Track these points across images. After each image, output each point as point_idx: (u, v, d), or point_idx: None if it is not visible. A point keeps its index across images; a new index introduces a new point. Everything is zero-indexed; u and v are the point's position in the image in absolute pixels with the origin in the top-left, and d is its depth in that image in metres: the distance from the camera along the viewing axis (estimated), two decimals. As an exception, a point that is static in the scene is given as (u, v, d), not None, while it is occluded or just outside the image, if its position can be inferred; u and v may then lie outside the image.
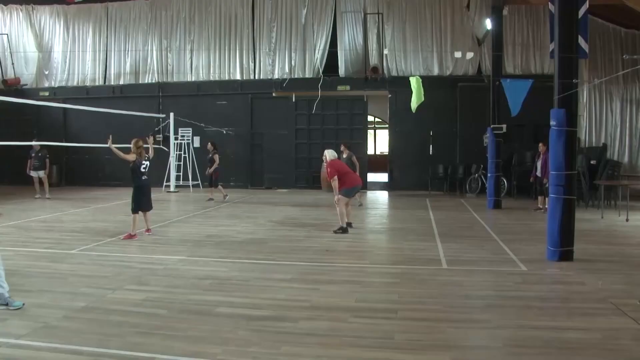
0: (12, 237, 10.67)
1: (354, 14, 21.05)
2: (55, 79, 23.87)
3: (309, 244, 9.89)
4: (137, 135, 20.15)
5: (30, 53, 24.13)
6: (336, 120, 21.06)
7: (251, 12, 21.91)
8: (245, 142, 21.70)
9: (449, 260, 8.50)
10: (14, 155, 19.08)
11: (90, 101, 21.57)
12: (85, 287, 6.90)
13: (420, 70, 20.29)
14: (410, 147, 20.33)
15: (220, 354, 4.72)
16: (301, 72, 21.47)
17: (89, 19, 23.47)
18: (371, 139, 29.43)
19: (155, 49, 22.83)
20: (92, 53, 23.45)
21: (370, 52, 20.83)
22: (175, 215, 14.03)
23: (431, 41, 20.48)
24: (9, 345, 4.95)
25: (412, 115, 17.93)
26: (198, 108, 21.60)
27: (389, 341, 5.03)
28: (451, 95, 19.79)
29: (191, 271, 7.77)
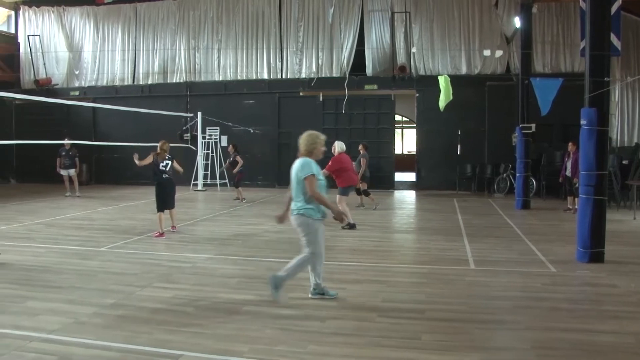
0: (43, 234, 10.89)
1: (381, 12, 20.98)
2: (85, 78, 24.25)
3: (335, 243, 9.90)
4: (165, 134, 20.46)
5: (61, 53, 24.54)
6: (363, 119, 21.01)
7: (278, 11, 21.98)
8: (273, 141, 21.78)
9: (476, 260, 8.44)
10: (45, 154, 19.40)
11: (119, 100, 21.87)
12: (114, 284, 7.01)
13: (448, 69, 20.14)
14: (437, 147, 20.20)
15: (247, 352, 4.76)
16: (328, 72, 21.48)
17: (118, 19, 23.79)
18: (398, 139, 29.31)
19: (183, 49, 23.03)
20: (121, 53, 23.77)
21: (397, 51, 20.75)
22: (202, 213, 14.15)
23: (459, 40, 20.33)
24: (41, 339, 5.05)
25: (439, 115, 17.83)
26: (225, 107, 21.75)
27: (415, 341, 5.02)
28: (479, 94, 19.61)
29: (219, 269, 7.84)
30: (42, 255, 8.85)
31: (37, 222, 12.55)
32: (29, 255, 8.81)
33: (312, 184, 5.94)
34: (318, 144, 6.28)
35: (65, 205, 15.70)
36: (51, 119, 22.61)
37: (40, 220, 12.83)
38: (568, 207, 14.35)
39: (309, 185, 5.93)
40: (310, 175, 5.96)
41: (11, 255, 8.68)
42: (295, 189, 6.12)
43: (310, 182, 5.94)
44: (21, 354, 4.71)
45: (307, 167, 6.03)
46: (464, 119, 19.57)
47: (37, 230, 11.36)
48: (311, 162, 6.09)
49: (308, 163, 6.09)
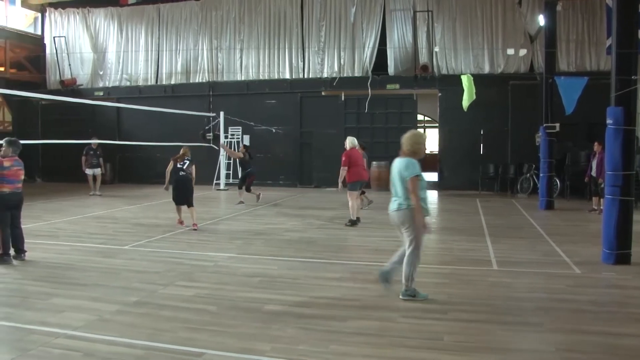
0: (68, 232, 11.05)
1: (403, 12, 20.91)
2: (109, 79, 24.53)
3: (358, 243, 9.90)
4: (187, 133, 20.61)
5: (86, 54, 24.86)
6: (385, 119, 20.95)
7: (300, 11, 22.02)
8: (294, 141, 21.83)
9: (499, 261, 8.38)
10: (70, 154, 19.60)
11: (143, 100, 22.08)
12: (137, 282, 7.08)
13: (471, 68, 20.00)
14: (460, 146, 20.07)
15: (268, 351, 4.78)
16: (350, 71, 21.47)
17: (142, 20, 24.02)
18: (420, 138, 29.09)
19: (206, 49, 23.19)
20: (145, 53, 24.00)
21: (419, 50, 20.66)
22: (224, 212, 14.23)
23: (482, 38, 20.18)
24: (66, 336, 5.13)
25: (462, 114, 17.71)
26: (248, 107, 21.83)
27: (437, 342, 5.00)
28: (502, 94, 19.41)
29: (241, 268, 7.88)
30: (67, 253, 8.98)
31: (62, 220, 12.73)
32: (54, 253, 8.94)
33: (415, 185, 6.09)
34: (421, 143, 6.41)
35: (90, 204, 15.89)
36: (76, 119, 22.89)
37: (65, 218, 13.02)
38: (593, 208, 14.16)
39: (412, 186, 6.07)
40: (415, 177, 6.11)
41: (37, 252, 8.82)
42: (400, 187, 6.26)
43: (413, 183, 6.09)
44: (47, 350, 4.79)
45: (413, 168, 6.18)
46: (487, 119, 19.40)
47: (62, 229, 11.53)
48: (416, 163, 6.24)
49: (413, 163, 6.23)
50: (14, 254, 8.37)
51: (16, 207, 8.48)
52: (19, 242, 8.50)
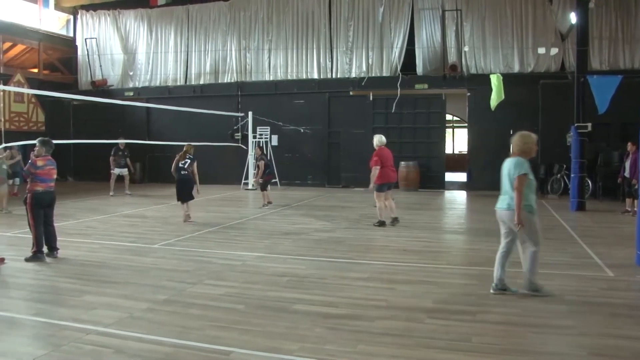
0: (99, 230, 11.22)
1: (431, 11, 20.79)
2: (139, 79, 24.85)
3: (385, 243, 9.87)
4: (216, 133, 20.78)
5: (116, 55, 25.22)
6: (414, 119, 20.83)
7: (328, 11, 22.03)
8: (322, 141, 21.84)
9: (529, 262, 8.26)
10: (101, 153, 19.78)
11: (172, 100, 22.32)
12: (166, 280, 7.16)
13: (500, 68, 19.79)
14: (489, 146, 19.80)
15: (296, 350, 4.79)
16: (378, 71, 21.42)
17: (171, 21, 24.29)
18: (449, 138, 28.98)
19: (234, 49, 23.34)
20: (174, 54, 24.25)
21: (448, 50, 20.51)
22: (252, 212, 14.30)
23: (512, 37, 19.94)
24: (97, 332, 5.22)
25: (491, 114, 17.54)
26: (276, 107, 21.91)
27: (466, 344, 4.95)
28: (533, 93, 19.15)
29: (269, 268, 7.91)
30: (98, 251, 9.12)
31: (93, 218, 12.94)
32: (86, 251, 9.09)
33: (522, 183, 6.27)
34: (531, 143, 6.55)
35: (120, 203, 16.11)
36: (107, 119, 23.21)
37: (96, 217, 13.23)
38: (626, 209, 13.89)
39: (518, 183, 6.25)
40: (523, 175, 6.27)
41: (69, 250, 8.98)
42: (509, 186, 6.43)
43: (520, 180, 6.26)
44: (79, 346, 4.88)
45: (521, 166, 6.34)
46: (516, 118, 19.09)
47: (93, 227, 11.72)
48: (525, 162, 6.40)
49: (522, 162, 6.38)
50: (47, 252, 8.54)
51: (49, 206, 8.66)
52: (52, 240, 8.67)
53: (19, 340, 5.12)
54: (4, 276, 7.56)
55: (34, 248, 8.39)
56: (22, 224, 10.77)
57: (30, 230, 8.52)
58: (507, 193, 6.48)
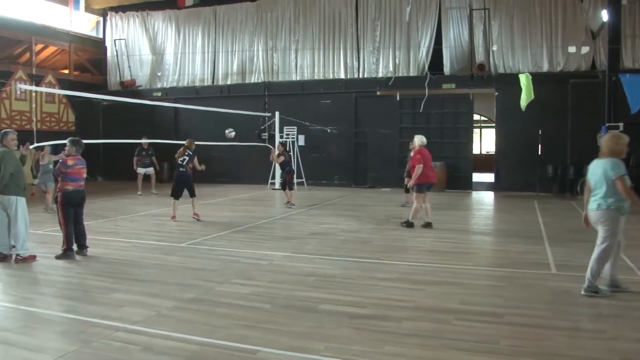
0: (127, 229, 11.36)
1: (459, 10, 20.63)
2: (167, 79, 25.10)
3: (413, 244, 9.82)
4: (243, 133, 20.89)
5: (145, 56, 25.53)
6: (441, 119, 20.69)
7: (355, 11, 22.01)
8: (349, 141, 21.82)
9: (558, 264, 8.16)
10: (129, 153, 19.95)
11: (200, 100, 22.51)
12: (194, 279, 7.21)
13: (529, 67, 19.55)
14: (517, 147, 19.63)
15: (322, 350, 4.79)
16: (405, 71, 21.32)
17: (199, 22, 24.50)
18: (477, 138, 28.74)
19: (261, 49, 23.45)
20: (201, 54, 24.47)
21: (476, 49, 20.34)
22: (279, 212, 14.34)
23: (541, 36, 19.68)
24: (126, 330, 5.28)
25: (519, 114, 17.34)
26: (303, 107, 21.96)
27: (493, 346, 4.89)
28: (562, 92, 18.84)
29: (295, 267, 7.92)
30: (126, 250, 9.23)
31: (122, 217, 13.11)
32: (114, 249, 9.21)
33: (625, 183, 6.25)
34: (622, 144, 6.57)
35: (148, 202, 16.28)
36: (135, 119, 23.43)
37: (124, 216, 13.40)
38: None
39: (622, 185, 6.24)
40: (622, 176, 6.27)
41: (98, 248, 9.10)
42: (604, 187, 6.41)
43: (622, 182, 6.24)
44: (108, 343, 4.94)
45: (618, 168, 6.34)
46: (545, 118, 18.91)
47: (121, 226, 11.87)
48: (621, 163, 6.40)
49: (618, 164, 6.38)
50: (76, 250, 8.68)
51: (79, 205, 8.79)
52: (82, 238, 8.80)
53: (50, 336, 5.21)
54: (36, 273, 7.71)
55: (64, 246, 8.53)
56: (52, 222, 10.96)
57: (61, 228, 8.67)
58: (599, 194, 6.43)
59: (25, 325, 5.45)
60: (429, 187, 11.70)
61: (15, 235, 8.23)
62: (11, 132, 8.51)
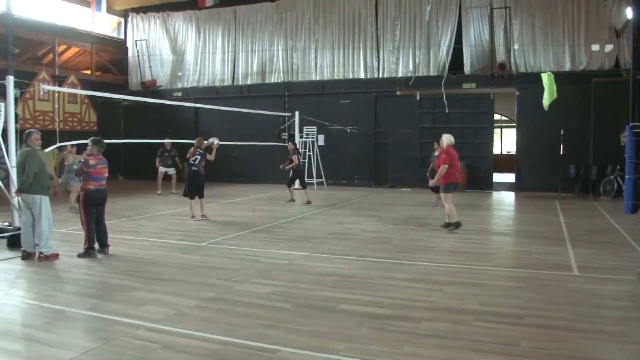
0: (148, 228, 11.45)
1: (479, 9, 20.49)
2: (187, 80, 25.27)
3: (432, 244, 9.78)
4: (263, 133, 20.95)
5: (165, 56, 25.73)
6: (461, 118, 20.53)
7: (374, 10, 21.97)
8: (369, 141, 21.77)
9: (580, 266, 8.06)
10: (150, 153, 20.05)
11: (220, 100, 22.61)
12: (214, 278, 7.25)
13: (551, 66, 19.34)
14: (539, 147, 19.44)
15: (342, 350, 4.78)
16: (425, 70, 21.23)
17: (219, 22, 24.63)
18: (497, 138, 28.53)
19: (281, 49, 23.50)
20: (221, 54, 24.59)
21: (497, 48, 20.18)
22: (299, 211, 14.35)
23: (563, 34, 19.45)
24: (147, 328, 5.33)
25: (541, 113, 17.18)
26: (322, 106, 21.96)
27: (514, 348, 4.85)
28: (584, 92, 18.60)
29: (315, 267, 7.93)
30: (147, 249, 9.31)
31: (143, 216, 13.22)
32: (136, 248, 9.30)
33: None
34: None
35: (168, 202, 16.39)
36: (156, 119, 23.59)
37: (145, 215, 13.51)
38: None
39: None
40: None
41: (120, 247, 9.20)
42: None
43: None
44: (129, 340, 4.99)
45: None
46: (567, 118, 18.70)
47: (142, 225, 11.97)
48: None
49: None
50: (98, 248, 8.78)
51: (100, 204, 8.88)
52: (103, 236, 8.89)
53: (72, 333, 5.28)
54: (59, 271, 7.81)
55: (86, 244, 8.63)
56: (75, 221, 11.08)
57: (83, 227, 8.77)
58: None
59: (48, 322, 5.53)
60: (454, 187, 11.52)
61: (39, 234, 8.35)
62: (35, 132, 8.65)
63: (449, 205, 11.13)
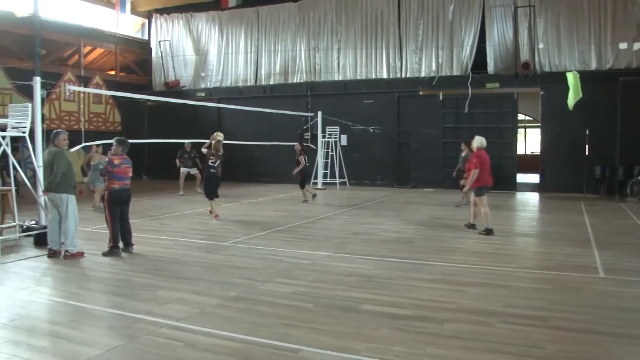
0: (172, 228, 11.54)
1: (503, 8, 20.33)
2: (210, 80, 25.44)
3: (455, 245, 9.71)
4: (285, 133, 20.97)
5: (189, 57, 25.94)
6: (485, 118, 20.36)
7: (397, 10, 21.91)
8: (392, 141, 21.71)
9: (606, 268, 7.94)
10: (173, 152, 20.15)
11: (243, 101, 22.72)
12: (237, 277, 7.28)
13: (576, 65, 19.11)
14: (563, 147, 19.21)
15: (363, 350, 4.77)
16: (448, 70, 21.11)
17: (242, 23, 24.75)
18: (521, 138, 28.27)
19: (304, 50, 23.54)
20: (244, 55, 24.71)
21: (520, 47, 19.98)
22: (321, 212, 14.36)
23: (589, 33, 19.20)
24: (170, 326, 5.37)
25: (565, 113, 16.99)
26: (345, 106, 21.95)
27: (538, 350, 4.80)
28: (611, 91, 18.32)
29: (337, 267, 7.93)
30: (171, 248, 9.38)
31: (166, 216, 13.32)
32: (159, 247, 9.37)
33: None
34: None
35: (191, 201, 16.50)
36: (179, 119, 23.79)
37: (168, 214, 13.61)
38: None
39: None
40: None
41: (143, 246, 9.28)
42: None
43: None
44: (153, 338, 5.03)
45: None
46: (593, 118, 18.44)
47: (166, 224, 12.06)
48: None
49: None
50: (122, 247, 8.86)
51: (125, 203, 8.98)
52: (127, 235, 8.98)
53: (97, 330, 5.34)
54: (84, 269, 7.90)
55: (110, 243, 8.72)
56: (99, 220, 11.21)
57: (107, 226, 8.87)
58: None
59: (73, 320, 5.60)
60: (487, 190, 11.23)
61: (65, 232, 8.46)
62: (62, 132, 8.77)
63: (485, 209, 10.88)
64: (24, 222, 10.11)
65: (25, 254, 8.84)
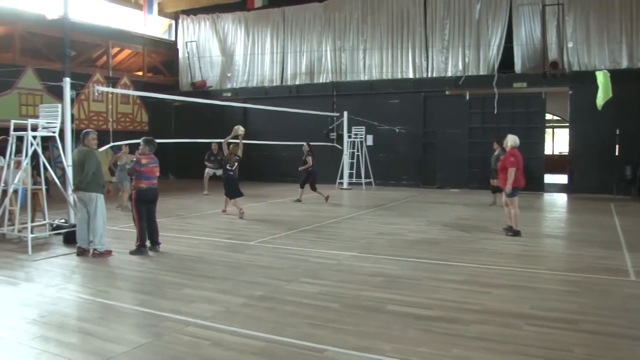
0: (198, 227, 11.62)
1: (531, 6, 20.12)
2: (236, 80, 25.58)
3: (481, 246, 9.62)
4: (311, 133, 20.98)
5: (215, 57, 26.13)
6: (512, 118, 20.14)
7: (423, 9, 21.82)
8: (417, 141, 21.61)
9: (637, 271, 7.77)
10: (199, 152, 20.24)
11: (269, 101, 22.80)
12: (262, 277, 7.30)
13: (606, 64, 18.81)
14: (592, 147, 18.91)
15: (389, 351, 4.75)
16: (475, 69, 20.95)
17: (267, 23, 24.85)
18: (549, 138, 27.92)
19: (330, 50, 23.56)
20: (270, 55, 24.82)
21: (549, 46, 19.73)
22: (347, 212, 14.34)
23: (619, 31, 18.89)
24: (197, 325, 5.41)
25: (595, 113, 16.72)
26: (371, 106, 21.91)
27: (566, 354, 4.72)
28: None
29: (363, 267, 7.91)
30: (197, 247, 9.45)
31: (193, 215, 13.43)
32: (186, 246, 9.45)
33: None
34: None
35: (216, 201, 16.54)
36: (206, 119, 23.93)
37: (195, 213, 13.72)
38: None
39: None
40: None
41: (170, 245, 9.36)
42: None
43: None
44: (179, 337, 5.07)
45: None
46: (624, 117, 18.11)
47: (192, 223, 12.16)
48: None
49: None
50: (149, 246, 8.95)
51: (152, 202, 9.07)
52: (154, 234, 9.07)
53: (124, 328, 5.40)
54: (112, 267, 8.00)
55: (137, 242, 8.82)
56: (127, 219, 11.34)
57: (135, 225, 8.97)
58: None
59: (101, 317, 5.67)
60: (519, 191, 10.89)
61: (94, 231, 8.58)
62: (92, 132, 8.89)
63: (515, 210, 10.66)
64: (53, 221, 10.29)
65: (55, 252, 8.99)
